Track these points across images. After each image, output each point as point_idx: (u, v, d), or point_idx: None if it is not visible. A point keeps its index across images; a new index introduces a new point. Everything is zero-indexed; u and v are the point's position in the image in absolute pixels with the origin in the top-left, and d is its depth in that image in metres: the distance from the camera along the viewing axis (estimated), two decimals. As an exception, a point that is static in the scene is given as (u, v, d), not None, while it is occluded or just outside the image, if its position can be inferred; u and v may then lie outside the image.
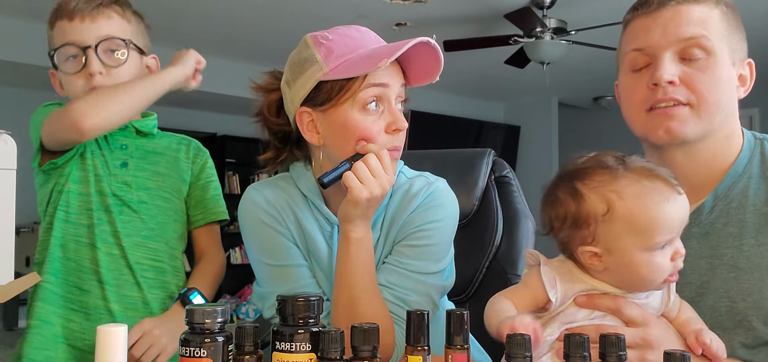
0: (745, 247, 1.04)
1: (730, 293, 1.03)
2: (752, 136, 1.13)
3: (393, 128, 1.09)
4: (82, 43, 1.30)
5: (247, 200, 1.18)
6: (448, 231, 1.17)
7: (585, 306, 0.95)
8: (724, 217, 1.07)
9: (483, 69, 6.13)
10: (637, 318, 0.95)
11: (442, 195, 1.17)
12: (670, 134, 1.06)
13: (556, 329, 0.95)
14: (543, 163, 7.51)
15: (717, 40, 1.06)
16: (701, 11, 1.06)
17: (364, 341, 0.70)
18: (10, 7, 4.37)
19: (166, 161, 1.43)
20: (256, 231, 1.16)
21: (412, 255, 1.13)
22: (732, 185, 1.08)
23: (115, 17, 1.35)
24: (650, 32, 1.08)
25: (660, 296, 0.98)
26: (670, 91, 1.05)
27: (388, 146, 1.09)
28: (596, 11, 4.42)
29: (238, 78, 5.81)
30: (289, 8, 4.45)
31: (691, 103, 1.06)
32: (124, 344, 0.67)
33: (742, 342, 1.01)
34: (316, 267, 1.17)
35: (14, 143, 0.94)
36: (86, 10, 1.31)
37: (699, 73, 1.05)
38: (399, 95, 1.11)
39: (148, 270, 1.36)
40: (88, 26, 1.31)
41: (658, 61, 1.06)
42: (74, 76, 1.32)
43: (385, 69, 1.06)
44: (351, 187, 1.03)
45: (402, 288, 1.11)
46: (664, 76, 1.04)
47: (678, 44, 1.06)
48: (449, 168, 1.47)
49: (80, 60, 1.31)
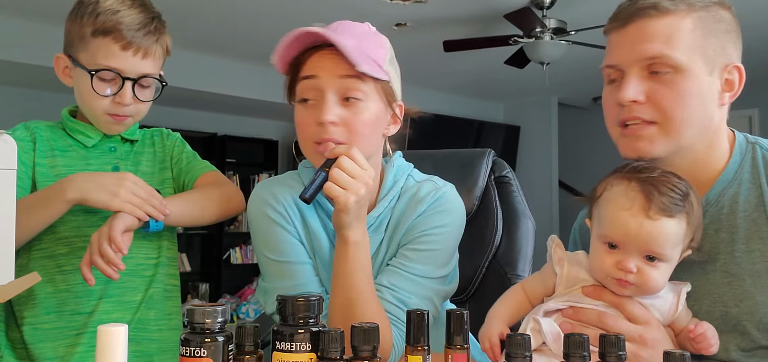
0: (736, 253, 1.04)
1: (724, 298, 1.04)
2: (744, 140, 1.12)
3: (318, 120, 1.08)
4: (125, 73, 1.27)
5: (256, 196, 1.19)
6: (453, 237, 1.18)
7: (591, 295, 1.02)
8: (716, 223, 1.07)
9: (483, 69, 6.13)
10: (638, 316, 0.99)
11: (449, 201, 1.17)
12: (638, 153, 1.06)
13: (561, 302, 1.02)
14: (543, 163, 7.51)
15: (686, 53, 1.02)
16: (667, 24, 1.03)
17: (364, 341, 0.70)
18: (10, 7, 4.37)
19: (146, 158, 1.42)
20: (262, 226, 1.17)
21: (416, 259, 1.13)
22: (722, 191, 1.08)
23: (161, 55, 1.33)
24: (619, 48, 1.07)
25: (670, 301, 1.01)
26: (635, 110, 1.05)
27: (314, 139, 1.09)
28: (596, 11, 4.42)
29: (238, 78, 5.85)
30: (289, 8, 4.45)
31: (656, 121, 1.04)
32: (124, 344, 0.67)
33: (737, 345, 1.02)
34: (319, 266, 1.18)
35: (14, 143, 0.94)
36: (142, 44, 1.27)
37: (664, 90, 1.03)
38: (344, 87, 1.09)
39: (147, 269, 1.35)
40: (137, 61, 1.27)
41: (625, 79, 1.05)
42: (102, 96, 1.28)
43: (317, 61, 1.09)
44: (336, 197, 1.03)
45: (403, 290, 1.12)
46: (626, 96, 1.04)
47: (642, 61, 1.04)
48: (449, 168, 1.47)
49: (115, 84, 1.28)
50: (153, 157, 1.43)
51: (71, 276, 1.29)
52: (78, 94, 1.33)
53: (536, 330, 0.98)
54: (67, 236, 1.29)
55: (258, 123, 7.13)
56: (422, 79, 6.37)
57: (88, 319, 1.29)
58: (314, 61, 1.10)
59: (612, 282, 0.99)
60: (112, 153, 1.37)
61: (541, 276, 1.09)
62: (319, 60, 1.09)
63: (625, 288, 0.98)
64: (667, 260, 0.97)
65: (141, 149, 1.42)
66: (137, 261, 1.33)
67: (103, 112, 1.30)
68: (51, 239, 1.29)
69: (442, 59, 5.46)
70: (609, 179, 1.03)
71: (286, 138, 7.37)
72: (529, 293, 1.08)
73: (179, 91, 5.26)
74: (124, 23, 1.25)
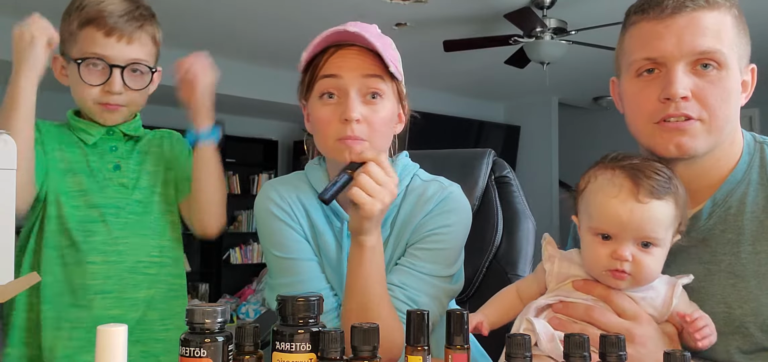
0: (742, 254, 1.03)
1: (728, 299, 1.02)
2: (752, 139, 1.11)
3: (342, 117, 1.10)
4: (112, 60, 1.30)
5: (262, 194, 1.22)
6: (460, 236, 1.19)
7: (581, 289, 1.01)
8: (722, 224, 1.05)
9: (483, 69, 6.13)
10: (627, 311, 0.98)
11: (455, 201, 1.19)
12: (681, 150, 1.02)
13: (551, 297, 1.02)
14: (543, 163, 7.50)
15: (729, 50, 1.01)
16: (716, 19, 1.01)
17: (364, 341, 0.70)
18: (9, 7, 4.36)
19: (150, 159, 1.42)
20: (268, 224, 1.19)
21: (424, 258, 1.15)
22: (730, 191, 1.06)
23: (148, 42, 1.34)
24: (663, 40, 1.02)
25: (663, 294, 0.99)
26: (683, 106, 1.01)
27: (337, 136, 1.10)
28: (596, 11, 4.42)
29: (238, 78, 5.84)
30: (289, 8, 4.44)
31: (702, 118, 1.01)
32: (124, 344, 0.67)
33: (739, 347, 1.01)
34: (325, 264, 1.19)
35: (14, 143, 0.94)
36: (125, 30, 1.29)
37: (711, 87, 1.00)
38: (367, 86, 1.11)
39: (151, 267, 1.36)
40: (123, 47, 1.29)
41: (672, 74, 1.01)
42: (90, 85, 1.30)
43: (339, 60, 1.10)
44: (362, 203, 1.03)
45: (414, 289, 1.13)
46: (679, 92, 0.99)
47: (692, 56, 1.00)
48: (449, 168, 1.47)
49: (104, 73, 1.30)
50: (159, 157, 1.43)
51: (73, 268, 1.30)
52: (72, 89, 1.35)
53: (530, 330, 0.97)
54: (69, 228, 1.31)
55: (258, 123, 7.13)
56: (422, 79, 6.37)
57: (85, 314, 1.29)
58: (337, 60, 1.11)
59: (607, 275, 0.98)
60: (113, 152, 1.38)
61: (534, 276, 1.09)
62: (342, 59, 1.11)
63: (621, 280, 0.97)
64: (661, 244, 0.97)
65: (146, 148, 1.43)
66: (137, 259, 1.34)
67: (93, 101, 1.32)
68: (57, 229, 1.31)
69: (442, 59, 5.46)
70: (591, 171, 1.02)
71: (286, 138, 7.37)
72: (523, 293, 1.08)
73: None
74: (107, 11, 1.29)
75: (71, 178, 1.33)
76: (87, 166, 1.35)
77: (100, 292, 1.30)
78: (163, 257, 1.39)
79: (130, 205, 1.35)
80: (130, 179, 1.37)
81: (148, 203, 1.38)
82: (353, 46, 1.12)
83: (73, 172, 1.34)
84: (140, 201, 1.37)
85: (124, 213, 1.35)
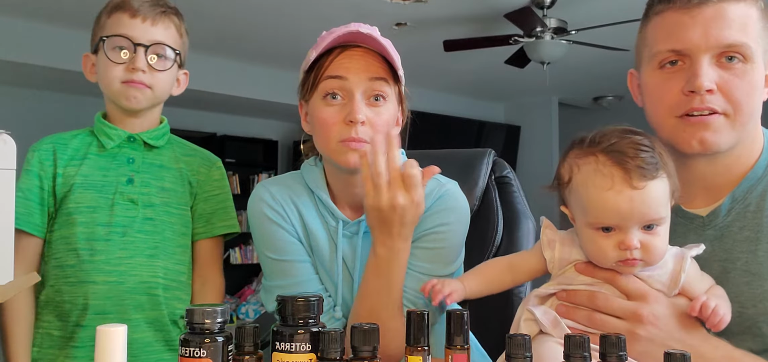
0: (759, 253, 1.00)
1: (741, 298, 0.99)
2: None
3: (347, 119, 1.10)
4: (136, 40, 1.33)
5: (255, 196, 1.21)
6: (459, 234, 1.18)
7: (583, 272, 0.99)
8: (740, 221, 1.03)
9: (483, 69, 6.13)
10: (633, 291, 0.95)
11: (453, 198, 1.18)
12: (704, 145, 1.00)
13: (552, 286, 1.00)
14: (543, 162, 7.50)
15: (755, 44, 0.98)
16: (742, 11, 0.98)
17: (364, 341, 0.70)
18: (10, 7, 4.36)
19: (171, 175, 1.40)
20: (261, 226, 1.19)
21: (423, 258, 1.14)
22: (750, 189, 1.04)
23: (172, 28, 1.38)
24: (688, 31, 0.99)
25: (670, 269, 0.97)
26: (708, 100, 0.98)
27: (341, 137, 1.10)
28: (596, 11, 4.42)
29: (238, 78, 5.85)
30: (289, 8, 4.44)
31: (727, 112, 0.99)
32: (123, 344, 0.67)
33: (749, 347, 0.98)
34: (318, 265, 1.18)
35: (14, 143, 0.94)
36: (149, 13, 1.34)
37: (736, 81, 0.98)
38: (372, 88, 1.11)
39: (156, 288, 1.33)
40: (147, 28, 1.34)
41: (697, 66, 0.98)
42: (116, 64, 1.33)
43: (346, 61, 1.10)
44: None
45: (413, 289, 1.12)
46: (704, 84, 0.97)
47: (718, 49, 0.98)
48: (449, 168, 1.47)
49: (129, 51, 1.33)
50: (179, 175, 1.41)
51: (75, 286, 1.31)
52: (99, 77, 1.37)
53: (531, 320, 0.96)
54: (75, 246, 1.31)
55: (258, 123, 7.13)
56: (422, 79, 6.37)
57: (85, 334, 1.30)
58: (344, 61, 1.11)
59: (618, 266, 0.95)
60: (130, 164, 1.36)
61: (531, 252, 1.06)
62: (349, 60, 1.11)
63: (633, 267, 0.95)
64: (664, 222, 0.94)
65: (168, 163, 1.41)
66: (141, 280, 1.32)
67: (118, 80, 1.33)
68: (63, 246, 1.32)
69: (442, 59, 5.46)
70: (571, 160, 0.98)
71: (286, 138, 7.37)
72: (516, 267, 1.06)
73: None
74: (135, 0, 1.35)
75: (83, 194, 1.33)
76: (101, 178, 1.34)
77: (100, 313, 1.29)
78: (169, 280, 1.36)
79: (138, 223, 1.33)
80: (141, 195, 1.34)
81: (158, 222, 1.35)
82: (359, 48, 1.11)
83: (86, 187, 1.33)
84: (150, 219, 1.34)
85: (132, 232, 1.32)
